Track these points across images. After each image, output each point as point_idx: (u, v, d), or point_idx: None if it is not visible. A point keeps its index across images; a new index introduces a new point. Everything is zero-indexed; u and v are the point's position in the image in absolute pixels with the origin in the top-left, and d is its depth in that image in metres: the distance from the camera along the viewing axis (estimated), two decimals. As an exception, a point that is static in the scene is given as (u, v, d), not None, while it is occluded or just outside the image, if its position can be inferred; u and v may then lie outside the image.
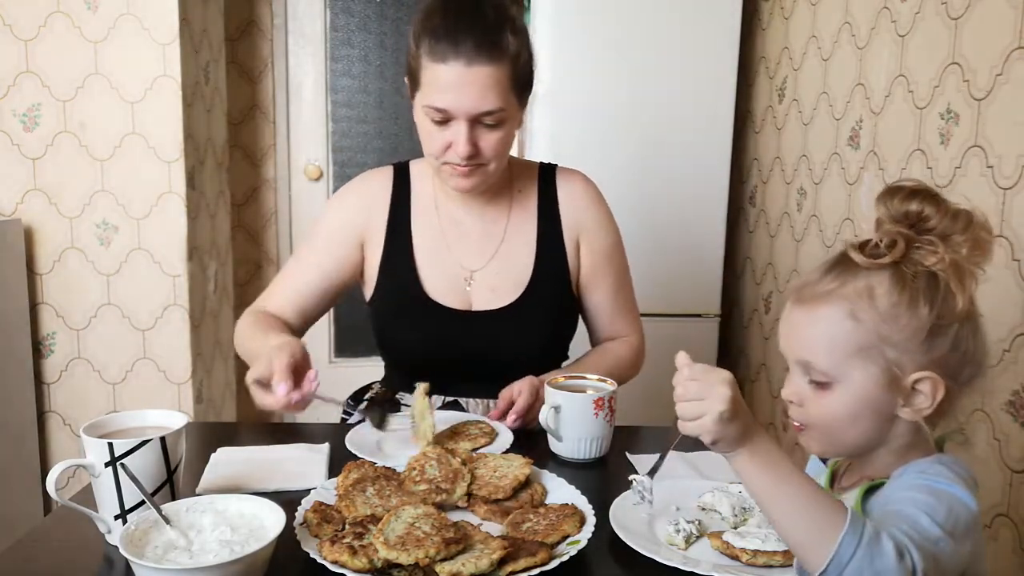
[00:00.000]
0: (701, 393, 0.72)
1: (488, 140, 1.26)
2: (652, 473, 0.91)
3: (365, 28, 3.11)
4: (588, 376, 1.24)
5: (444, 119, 1.24)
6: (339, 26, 3.11)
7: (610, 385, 1.21)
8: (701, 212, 2.57)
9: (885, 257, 0.75)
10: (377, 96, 3.16)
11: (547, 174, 1.44)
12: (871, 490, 0.79)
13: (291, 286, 1.40)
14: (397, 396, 1.40)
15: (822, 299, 0.77)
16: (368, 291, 1.42)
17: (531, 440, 1.19)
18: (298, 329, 1.39)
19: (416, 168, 1.44)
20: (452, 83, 1.21)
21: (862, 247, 0.77)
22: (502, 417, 1.24)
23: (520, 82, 1.28)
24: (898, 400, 0.76)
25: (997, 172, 1.47)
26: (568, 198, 1.42)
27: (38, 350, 2.38)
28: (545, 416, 1.15)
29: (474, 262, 1.39)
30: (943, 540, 0.68)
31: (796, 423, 0.81)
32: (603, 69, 2.48)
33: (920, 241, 0.75)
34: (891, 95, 1.84)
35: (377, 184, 1.43)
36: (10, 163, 2.30)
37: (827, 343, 0.77)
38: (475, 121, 1.24)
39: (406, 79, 1.32)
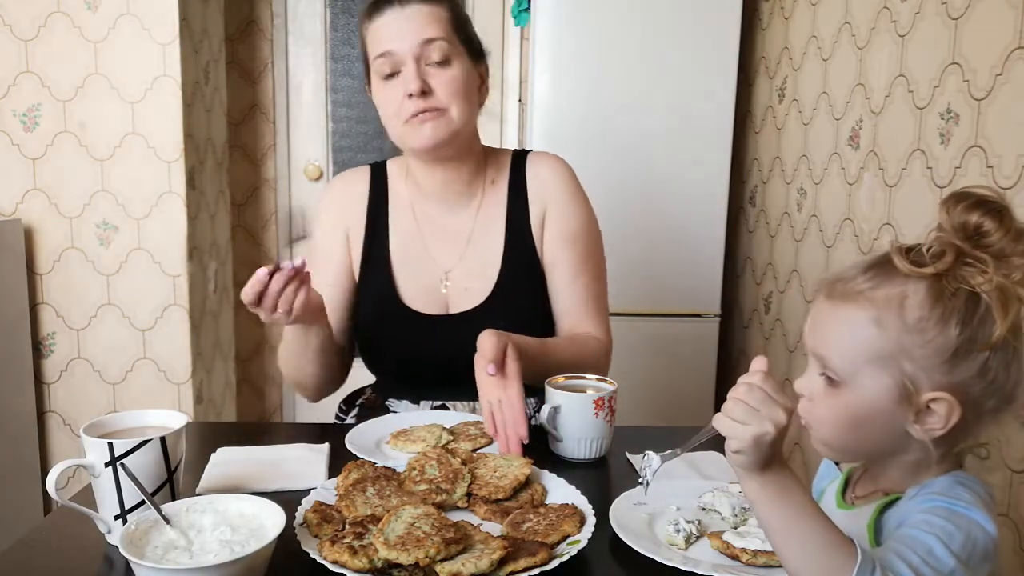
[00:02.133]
0: (760, 405, 0.68)
1: (440, 78, 1.26)
2: (666, 458, 0.87)
3: (365, 28, 3.12)
4: (588, 376, 1.24)
5: (392, 65, 1.26)
6: (339, 26, 3.11)
7: (610, 385, 1.21)
8: (701, 212, 2.57)
9: (928, 267, 0.70)
10: (377, 96, 3.16)
11: (519, 159, 1.40)
12: (887, 505, 0.77)
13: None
14: (387, 403, 1.39)
15: (851, 298, 0.74)
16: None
17: (531, 440, 1.18)
18: (343, 346, 1.40)
19: (393, 167, 1.43)
20: (391, 27, 1.26)
21: (907, 252, 0.72)
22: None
23: (463, 30, 1.30)
24: (909, 416, 0.73)
25: (997, 172, 1.47)
26: (536, 180, 1.38)
27: (38, 350, 2.38)
28: (545, 416, 1.15)
29: (448, 261, 1.36)
30: (957, 571, 0.66)
31: (803, 419, 0.78)
32: (603, 69, 2.49)
33: (972, 257, 0.70)
34: (891, 95, 1.84)
35: (354, 184, 1.42)
36: (10, 163, 2.30)
37: (846, 343, 0.74)
38: (421, 59, 1.25)
39: (364, 81, 1.36)
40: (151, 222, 2.34)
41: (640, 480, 0.90)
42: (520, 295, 1.35)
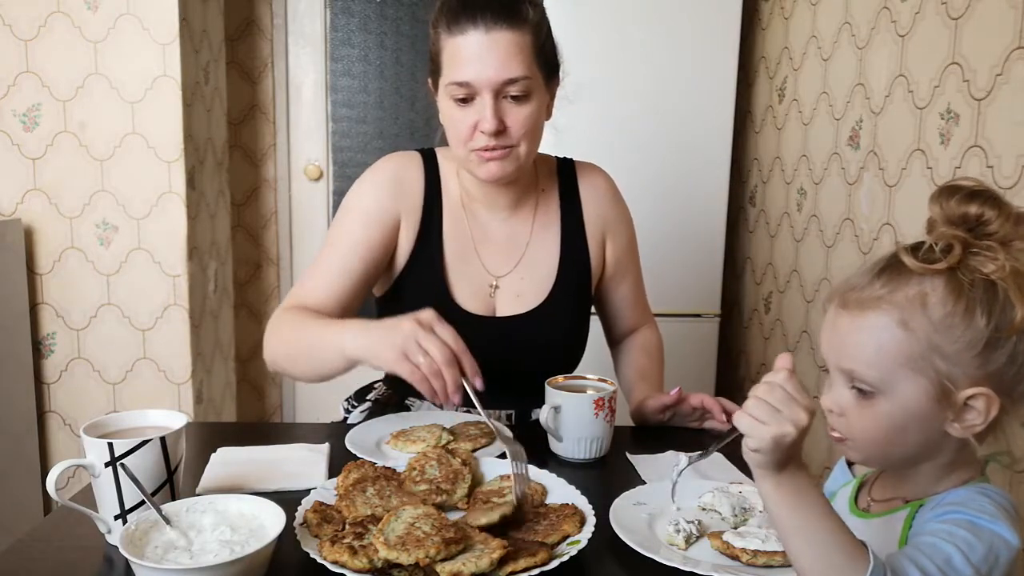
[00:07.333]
0: (781, 405, 0.67)
1: (515, 116, 1.21)
2: (693, 459, 0.90)
3: (365, 28, 3.11)
4: (588, 376, 1.24)
5: (468, 95, 1.20)
6: (339, 26, 3.11)
7: (610, 385, 1.21)
8: (701, 212, 2.57)
9: (940, 263, 0.70)
10: (377, 96, 3.16)
11: (566, 169, 1.41)
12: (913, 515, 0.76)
13: (330, 276, 1.29)
14: (407, 402, 1.37)
15: (871, 305, 0.72)
16: (383, 284, 1.36)
17: (531, 440, 1.18)
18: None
19: (444, 161, 1.37)
20: (472, 53, 1.18)
21: (915, 251, 0.72)
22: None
23: (544, 55, 1.24)
24: (947, 415, 0.71)
25: (997, 172, 1.47)
26: (591, 196, 1.40)
27: (38, 350, 2.38)
28: (545, 416, 1.15)
29: (500, 269, 1.35)
30: None
31: (836, 434, 0.77)
32: (602, 69, 2.48)
33: (978, 246, 0.70)
34: (891, 95, 1.84)
35: (409, 169, 1.35)
36: (10, 163, 2.30)
37: (874, 351, 0.72)
38: (500, 94, 1.19)
39: (428, 79, 1.28)
40: (151, 222, 2.34)
41: (672, 479, 0.94)
42: (569, 306, 1.37)
